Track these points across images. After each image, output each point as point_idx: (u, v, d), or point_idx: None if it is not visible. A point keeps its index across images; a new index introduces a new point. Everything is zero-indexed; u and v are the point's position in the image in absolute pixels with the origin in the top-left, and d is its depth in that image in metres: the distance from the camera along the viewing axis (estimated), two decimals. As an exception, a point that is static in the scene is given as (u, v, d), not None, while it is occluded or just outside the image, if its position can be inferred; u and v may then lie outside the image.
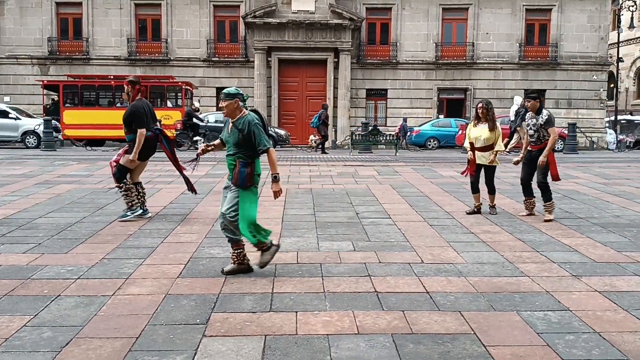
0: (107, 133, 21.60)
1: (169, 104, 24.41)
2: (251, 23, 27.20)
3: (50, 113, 23.67)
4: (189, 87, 24.57)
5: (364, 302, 4.10)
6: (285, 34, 27.42)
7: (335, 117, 26.16)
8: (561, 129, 22.64)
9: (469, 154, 7.75)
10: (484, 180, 7.75)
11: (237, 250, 4.77)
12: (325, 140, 20.64)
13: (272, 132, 22.94)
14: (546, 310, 3.97)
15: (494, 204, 7.77)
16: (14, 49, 27.96)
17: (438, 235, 6.34)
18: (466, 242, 5.99)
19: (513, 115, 18.78)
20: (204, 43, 28.12)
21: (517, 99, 19.06)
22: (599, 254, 5.54)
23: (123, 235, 6.13)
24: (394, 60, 28.38)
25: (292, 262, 5.15)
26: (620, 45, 31.74)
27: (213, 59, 28.10)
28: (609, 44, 29.86)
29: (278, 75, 28.10)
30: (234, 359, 3.20)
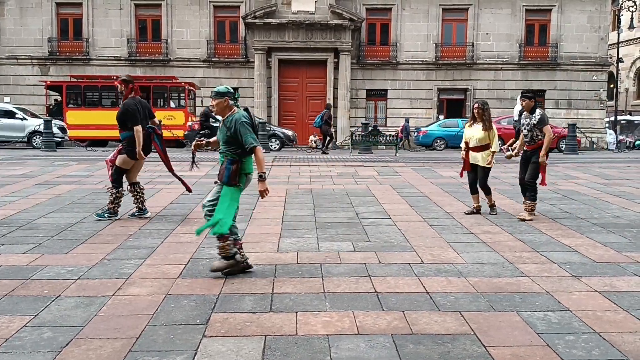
0: (110, 134, 21.62)
1: (172, 104, 24.42)
2: (251, 23, 27.22)
3: (53, 113, 23.70)
4: (191, 88, 24.57)
5: (364, 303, 4.10)
6: (285, 35, 27.44)
7: (335, 118, 26.17)
8: (562, 129, 22.65)
9: (462, 153, 7.83)
10: (478, 182, 7.75)
11: (236, 250, 4.79)
12: (332, 140, 20.60)
13: (279, 132, 22.94)
14: (546, 310, 3.98)
15: (493, 202, 7.74)
16: (14, 50, 27.98)
17: (438, 235, 6.34)
18: (466, 243, 5.99)
19: (517, 115, 18.78)
20: (204, 43, 28.13)
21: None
22: (599, 254, 5.55)
23: (123, 236, 6.13)
24: (394, 61, 28.40)
25: (292, 263, 5.15)
26: (620, 45, 31.77)
27: (213, 59, 28.12)
28: (609, 45, 29.88)
29: (278, 76, 28.12)
30: (234, 359, 3.20)
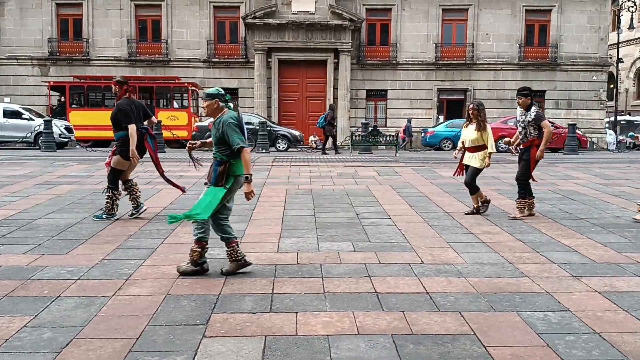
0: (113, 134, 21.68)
1: (175, 104, 24.42)
2: (251, 24, 27.23)
3: (56, 114, 23.70)
4: (194, 88, 24.57)
5: (364, 303, 4.10)
6: (285, 35, 27.45)
7: (335, 118, 26.14)
8: (564, 129, 22.68)
9: (455, 152, 7.88)
10: (464, 180, 7.73)
11: (231, 247, 4.81)
12: (335, 140, 20.58)
13: (286, 133, 22.92)
14: (546, 310, 3.98)
15: (483, 202, 7.61)
16: (14, 50, 27.99)
17: (438, 235, 6.34)
18: (466, 243, 5.99)
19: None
20: (204, 44, 28.14)
21: None
22: (599, 254, 5.54)
23: (123, 236, 6.13)
24: (394, 61, 28.41)
25: (292, 263, 5.15)
26: (620, 45, 31.77)
27: (213, 59, 28.12)
28: (609, 45, 29.89)
29: (278, 76, 28.13)
30: (234, 359, 3.20)
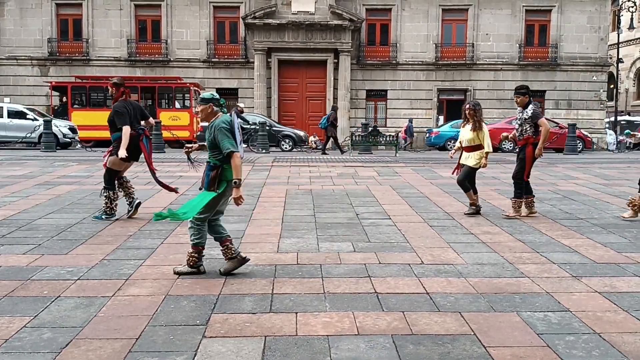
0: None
1: (177, 105, 24.42)
2: (251, 24, 27.23)
3: (58, 114, 23.69)
4: (196, 88, 24.57)
5: (364, 303, 4.09)
6: (285, 35, 27.45)
7: (336, 119, 26.13)
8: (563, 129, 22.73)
9: (451, 152, 7.94)
10: (457, 178, 7.72)
11: (225, 246, 4.83)
12: (336, 141, 20.59)
13: (291, 133, 22.89)
14: (546, 311, 3.97)
15: (477, 201, 7.58)
16: (13, 50, 27.99)
17: (438, 236, 6.34)
18: (466, 243, 5.99)
19: None
20: (203, 44, 28.14)
21: None
22: (599, 254, 5.54)
23: (123, 236, 6.13)
24: (394, 61, 28.41)
25: (292, 263, 5.15)
26: (620, 46, 31.77)
27: (213, 59, 28.13)
28: (609, 45, 29.90)
29: (278, 76, 28.14)
30: (234, 360, 3.20)
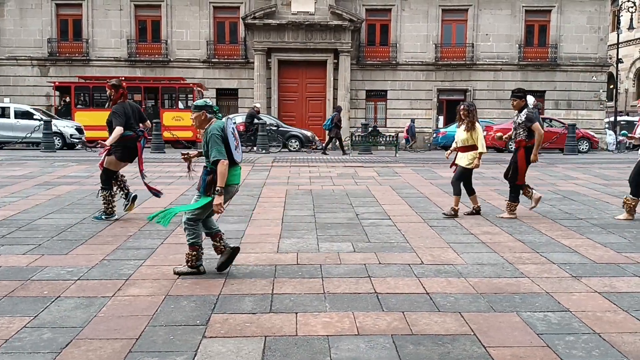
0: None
1: (181, 105, 24.42)
2: (251, 24, 27.23)
3: (61, 114, 23.69)
4: (200, 89, 24.57)
5: (364, 303, 4.10)
6: (285, 35, 27.46)
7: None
8: (582, 130, 23.04)
9: (447, 152, 7.96)
10: (451, 178, 7.71)
11: (215, 240, 4.86)
12: (341, 142, 20.60)
13: (299, 134, 22.88)
14: (546, 311, 3.97)
15: (457, 207, 7.49)
16: (13, 50, 28.00)
17: (438, 236, 6.34)
18: (466, 243, 5.99)
19: None
20: (203, 44, 28.15)
21: (530, 99, 19.04)
22: (598, 254, 5.54)
23: (123, 237, 6.13)
24: (394, 62, 28.42)
25: (292, 263, 5.15)
26: (619, 46, 31.77)
27: (213, 60, 28.13)
28: (609, 45, 29.91)
29: (278, 77, 28.14)
30: (234, 360, 3.20)
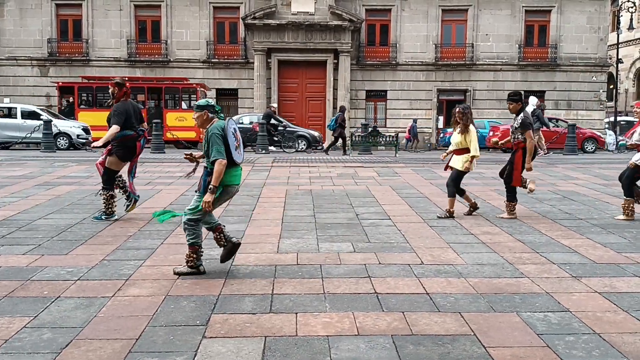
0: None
1: (184, 105, 24.43)
2: (251, 24, 27.24)
3: (65, 114, 23.69)
4: (203, 89, 24.57)
5: (364, 303, 4.10)
6: (285, 35, 27.46)
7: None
8: (588, 130, 23.12)
9: (443, 154, 7.99)
10: (446, 182, 7.66)
11: (217, 234, 4.88)
12: (344, 142, 20.60)
13: (306, 134, 22.86)
14: (546, 311, 3.98)
15: (452, 209, 7.41)
16: (13, 50, 27.99)
17: (438, 236, 6.34)
18: (466, 244, 5.99)
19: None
20: (203, 44, 28.15)
21: (533, 100, 19.03)
22: (598, 255, 5.55)
23: (123, 237, 6.13)
24: (394, 62, 28.42)
25: (292, 264, 5.15)
26: (619, 46, 31.76)
27: (213, 60, 28.13)
28: (609, 45, 29.91)
29: (278, 77, 28.14)
30: (234, 360, 3.20)
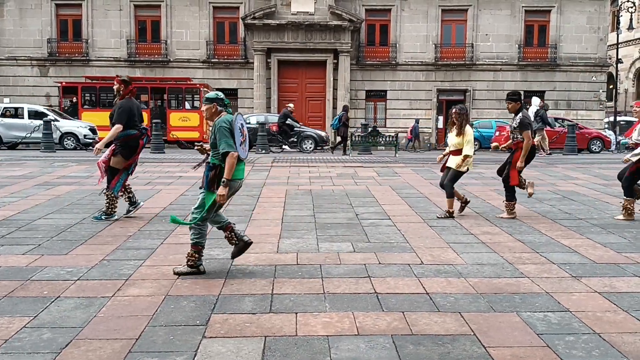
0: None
1: (187, 105, 24.43)
2: (251, 24, 27.23)
3: (68, 114, 23.70)
4: (206, 89, 24.60)
5: (364, 303, 4.10)
6: (285, 35, 27.46)
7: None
8: (594, 130, 23.16)
9: (440, 156, 7.99)
10: (444, 182, 7.60)
11: (228, 233, 4.88)
12: (345, 141, 20.61)
13: (313, 134, 22.86)
14: (546, 311, 3.97)
15: (452, 210, 7.40)
16: (13, 50, 27.99)
17: (438, 236, 6.34)
18: (466, 243, 5.99)
19: (532, 116, 18.74)
20: (203, 44, 28.14)
21: (535, 100, 19.04)
22: (598, 255, 5.55)
23: (123, 237, 6.13)
24: (394, 62, 28.42)
25: (292, 263, 5.15)
26: (619, 46, 31.76)
27: (212, 60, 28.13)
28: (608, 45, 29.91)
29: (277, 77, 28.14)
30: (233, 360, 3.20)
